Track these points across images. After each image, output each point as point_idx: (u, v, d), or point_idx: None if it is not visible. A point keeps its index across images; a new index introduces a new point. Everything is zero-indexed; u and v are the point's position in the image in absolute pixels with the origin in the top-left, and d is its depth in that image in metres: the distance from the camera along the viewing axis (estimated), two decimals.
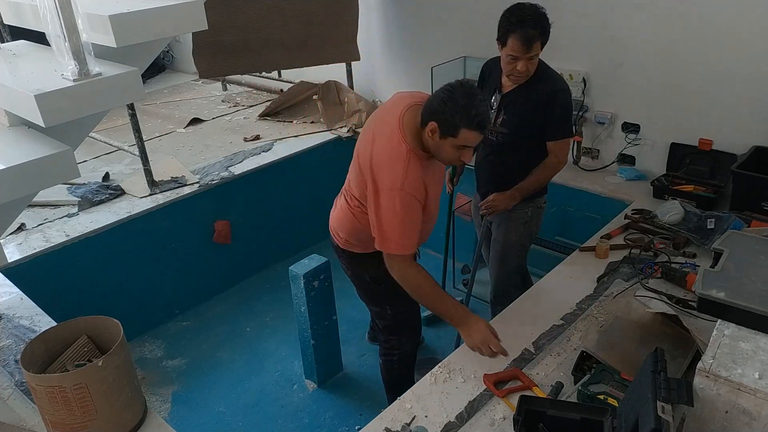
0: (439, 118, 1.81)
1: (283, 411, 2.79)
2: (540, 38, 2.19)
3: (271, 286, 3.69)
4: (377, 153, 1.92)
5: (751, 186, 2.55)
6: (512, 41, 2.18)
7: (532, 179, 2.40)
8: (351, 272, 2.36)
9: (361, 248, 2.22)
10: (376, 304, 2.40)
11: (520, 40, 2.16)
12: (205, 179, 3.47)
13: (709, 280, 1.58)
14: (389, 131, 1.93)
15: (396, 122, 1.92)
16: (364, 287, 2.37)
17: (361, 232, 2.13)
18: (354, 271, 2.34)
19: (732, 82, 2.75)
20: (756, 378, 1.34)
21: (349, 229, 2.20)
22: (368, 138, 2.00)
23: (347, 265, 2.35)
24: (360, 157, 2.02)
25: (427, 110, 1.86)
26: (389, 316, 2.38)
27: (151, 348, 3.26)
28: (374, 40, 4.18)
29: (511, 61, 2.24)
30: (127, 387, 1.63)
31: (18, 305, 2.33)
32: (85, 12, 1.72)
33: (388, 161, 1.88)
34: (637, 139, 3.14)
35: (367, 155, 1.94)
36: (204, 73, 3.75)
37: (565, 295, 2.23)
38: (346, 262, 2.33)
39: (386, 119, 1.98)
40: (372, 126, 2.05)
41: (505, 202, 2.41)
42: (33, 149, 1.68)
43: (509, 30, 2.18)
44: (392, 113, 1.97)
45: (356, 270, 2.33)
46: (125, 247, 3.15)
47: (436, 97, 1.84)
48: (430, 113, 1.84)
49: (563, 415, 1.48)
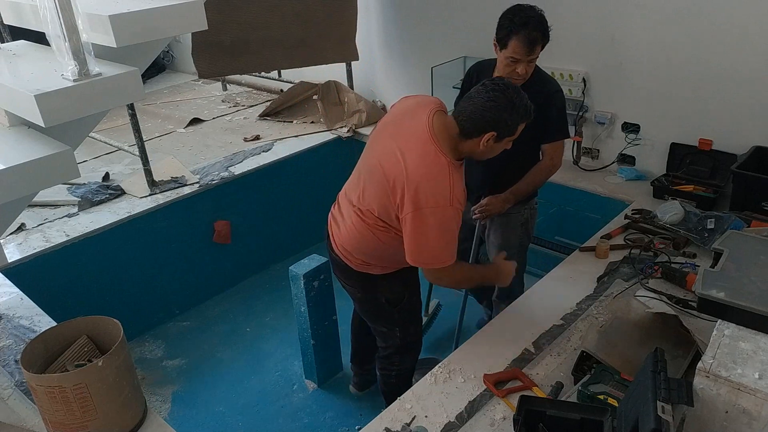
0: (500, 126, 1.78)
1: (283, 411, 2.79)
2: (542, 41, 2.15)
3: (271, 286, 3.69)
4: (413, 171, 1.76)
5: (751, 186, 2.55)
6: (514, 43, 2.13)
7: (528, 181, 2.37)
8: (362, 294, 2.22)
9: (380, 269, 2.09)
10: (387, 325, 2.28)
11: (524, 43, 2.12)
12: (205, 179, 3.47)
13: (709, 280, 1.58)
14: (421, 145, 1.79)
15: (426, 134, 1.80)
16: (376, 310, 2.25)
17: (383, 251, 1.99)
18: (367, 293, 2.20)
19: (732, 82, 2.75)
20: (756, 378, 1.34)
21: (369, 250, 2.02)
22: (393, 153, 1.82)
23: (359, 288, 2.20)
24: (388, 175, 1.81)
25: (480, 121, 1.78)
26: (397, 338, 2.29)
27: (151, 348, 3.26)
28: (374, 40, 4.18)
29: (510, 63, 2.18)
30: (127, 387, 1.63)
31: (18, 305, 2.33)
32: (85, 12, 1.72)
33: (430, 179, 1.76)
34: (637, 139, 3.14)
35: (399, 173, 1.78)
36: (203, 73, 3.75)
37: (565, 295, 2.23)
38: (358, 284, 2.18)
39: (411, 131, 1.84)
40: (394, 140, 1.86)
41: (499, 205, 2.36)
42: (33, 149, 1.68)
43: (512, 32, 2.12)
44: (417, 124, 1.83)
45: (370, 292, 2.18)
46: (125, 247, 3.15)
47: (487, 108, 1.76)
48: (488, 124, 1.77)
49: (563, 415, 1.48)
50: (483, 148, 1.83)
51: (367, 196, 1.93)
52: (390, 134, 1.91)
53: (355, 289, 2.23)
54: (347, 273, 2.16)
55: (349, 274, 2.15)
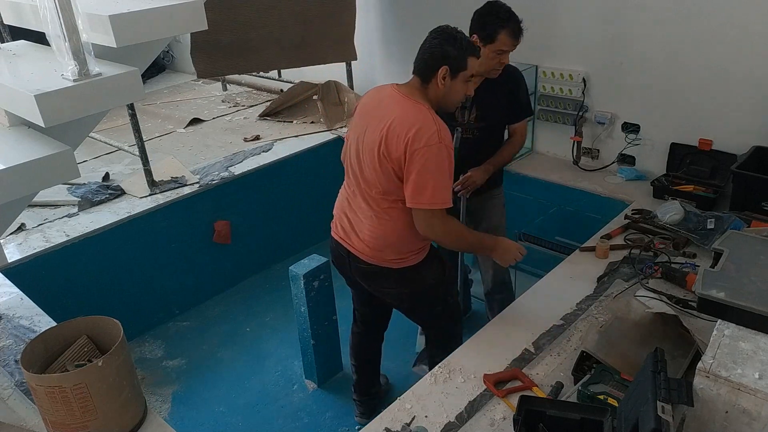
0: (448, 59, 1.90)
1: (282, 411, 2.79)
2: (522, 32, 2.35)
3: (271, 286, 3.69)
4: (401, 126, 1.86)
5: (751, 186, 2.55)
6: (503, 36, 2.29)
7: (504, 155, 2.56)
8: (410, 289, 2.15)
9: (414, 257, 2.09)
10: (435, 304, 2.24)
11: (512, 35, 2.30)
12: (205, 179, 3.47)
13: (709, 280, 1.58)
14: (398, 106, 1.92)
15: (398, 96, 1.94)
16: (419, 297, 2.20)
17: (409, 230, 2.00)
18: (413, 286, 2.14)
19: (732, 82, 2.75)
20: (756, 378, 1.34)
21: (401, 238, 2.03)
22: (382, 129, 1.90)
23: (401, 284, 2.12)
24: (390, 147, 1.88)
25: (430, 60, 1.92)
26: (441, 313, 2.26)
27: (151, 348, 3.26)
28: (373, 40, 4.18)
29: (496, 56, 2.34)
30: (127, 387, 1.63)
31: (18, 305, 2.33)
32: (85, 12, 1.72)
33: (416, 124, 1.85)
34: (637, 139, 3.14)
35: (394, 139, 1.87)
36: (202, 73, 3.75)
37: (565, 295, 2.23)
38: (402, 282, 2.11)
39: (385, 105, 1.96)
40: (377, 121, 1.94)
41: (480, 176, 2.46)
42: (33, 149, 1.68)
43: (500, 26, 2.29)
44: (387, 97, 1.98)
45: (414, 284, 2.14)
46: (125, 247, 3.15)
47: (433, 46, 1.92)
48: (436, 60, 1.91)
49: (563, 415, 1.48)
50: (443, 88, 1.94)
51: (373, 184, 1.98)
52: (368, 122, 1.99)
53: (401, 288, 2.16)
54: (389, 277, 2.10)
55: (391, 278, 2.10)
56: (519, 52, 2.50)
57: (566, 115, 3.34)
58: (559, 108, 3.36)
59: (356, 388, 2.67)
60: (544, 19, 3.22)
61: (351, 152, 2.07)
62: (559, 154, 3.48)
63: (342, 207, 2.17)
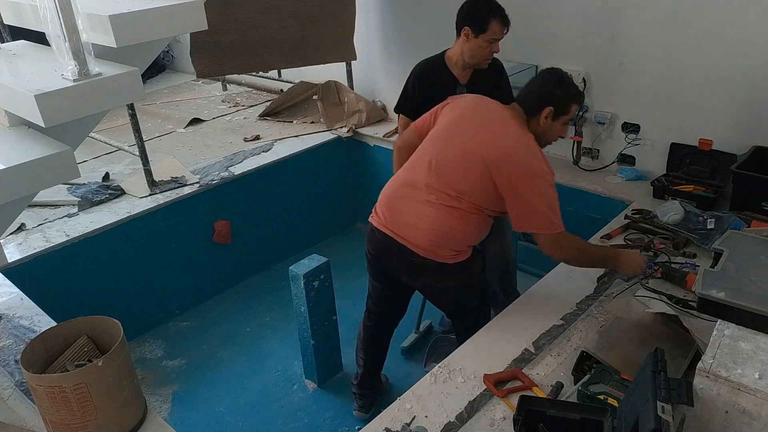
0: (556, 100, 2.03)
1: (283, 411, 2.79)
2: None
3: (271, 286, 3.69)
4: (507, 147, 2.00)
5: (751, 186, 2.55)
6: (495, 25, 2.40)
7: None
8: (457, 283, 2.20)
9: (466, 252, 2.15)
10: (474, 297, 2.29)
11: (502, 23, 2.41)
12: (205, 179, 3.47)
13: (709, 280, 1.58)
14: (511, 128, 2.04)
15: (510, 119, 2.06)
16: (464, 290, 2.24)
17: (475, 229, 2.12)
18: (461, 279, 2.19)
19: (732, 82, 2.75)
20: (756, 378, 1.34)
21: (464, 234, 2.10)
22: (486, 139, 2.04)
23: (450, 278, 2.17)
24: (487, 158, 1.99)
25: (537, 98, 2.05)
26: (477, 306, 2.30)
27: (151, 348, 3.26)
28: (373, 40, 4.18)
29: (488, 45, 2.45)
30: (127, 387, 1.63)
31: (18, 305, 2.33)
32: (85, 12, 1.72)
33: (527, 152, 2.00)
34: (637, 139, 3.14)
35: (499, 154, 1.99)
36: (201, 73, 3.75)
37: (565, 295, 2.23)
38: (448, 276, 2.16)
39: (494, 119, 2.09)
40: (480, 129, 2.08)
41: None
42: (33, 149, 1.68)
43: (491, 15, 2.39)
44: (496, 113, 2.11)
45: (462, 277, 2.18)
46: (125, 247, 3.15)
47: (544, 84, 2.06)
48: (544, 99, 2.03)
49: (563, 415, 1.48)
50: (544, 126, 2.07)
51: (450, 181, 2.06)
52: (472, 126, 2.10)
53: (449, 282, 2.20)
54: (440, 272, 2.13)
55: (442, 272, 2.13)
56: (519, 52, 2.52)
57: None
58: None
59: (359, 382, 2.67)
60: (544, 19, 3.22)
61: (432, 147, 2.14)
62: (559, 154, 3.48)
63: (395, 196, 2.17)
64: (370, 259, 2.31)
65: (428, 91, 2.58)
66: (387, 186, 2.25)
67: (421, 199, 2.09)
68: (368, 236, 2.27)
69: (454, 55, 2.60)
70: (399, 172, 2.25)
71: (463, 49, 2.53)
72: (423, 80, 2.65)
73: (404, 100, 2.72)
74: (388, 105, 4.24)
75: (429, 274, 2.16)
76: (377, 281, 2.40)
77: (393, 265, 2.21)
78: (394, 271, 2.24)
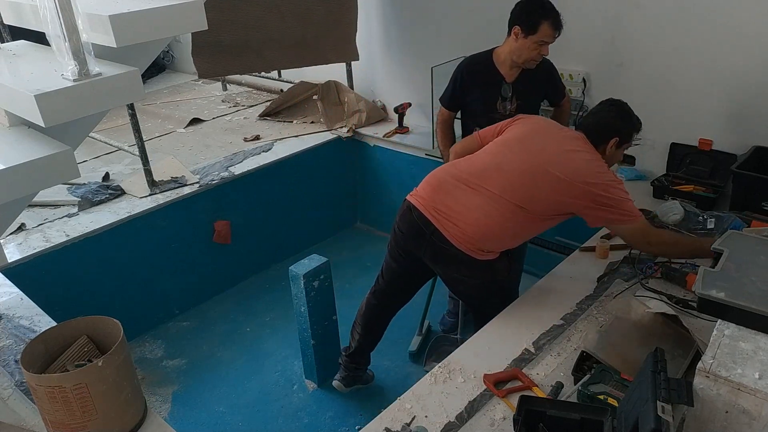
0: (622, 132, 2.17)
1: (283, 411, 2.79)
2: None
3: (271, 286, 3.69)
4: (584, 167, 2.08)
5: (751, 186, 2.55)
6: (546, 27, 2.41)
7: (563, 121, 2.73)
8: (480, 281, 2.23)
9: (495, 254, 2.18)
10: (496, 295, 2.29)
11: (554, 26, 2.42)
12: (205, 179, 3.47)
13: (709, 280, 1.58)
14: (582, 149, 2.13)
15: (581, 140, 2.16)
16: (485, 288, 2.26)
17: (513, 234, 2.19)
18: (485, 277, 2.22)
19: (732, 82, 2.75)
20: (756, 378, 1.34)
21: (503, 238, 2.16)
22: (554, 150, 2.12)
23: (475, 274, 2.20)
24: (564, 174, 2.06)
25: (603, 131, 2.17)
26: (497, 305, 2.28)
27: (151, 348, 3.26)
28: (374, 41, 4.18)
29: (538, 46, 2.46)
30: (127, 387, 1.63)
31: (18, 305, 2.32)
32: (85, 12, 1.72)
33: (600, 169, 2.10)
34: (637, 139, 3.13)
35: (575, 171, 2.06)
36: (203, 73, 3.75)
37: (565, 295, 2.23)
38: (473, 271, 2.19)
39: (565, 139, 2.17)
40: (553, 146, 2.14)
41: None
42: (33, 149, 1.68)
43: (543, 17, 2.41)
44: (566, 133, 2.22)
45: (486, 275, 2.21)
46: (125, 247, 3.15)
47: (609, 118, 2.18)
48: (610, 133, 2.17)
49: (563, 415, 1.48)
50: (608, 154, 2.19)
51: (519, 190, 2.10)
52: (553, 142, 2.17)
53: (473, 278, 2.23)
54: (467, 265, 2.16)
55: (469, 266, 2.17)
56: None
57: None
58: None
59: (349, 355, 2.70)
60: None
61: (500, 152, 2.19)
62: None
63: (448, 183, 2.19)
64: (399, 237, 2.30)
65: (471, 86, 2.63)
66: (438, 171, 2.26)
67: (468, 200, 2.13)
68: (402, 214, 2.27)
69: (502, 53, 2.61)
70: (455, 163, 2.27)
71: (512, 47, 2.54)
72: (468, 75, 2.66)
73: (448, 92, 2.76)
74: (388, 105, 4.24)
75: (456, 265, 2.19)
76: (395, 261, 2.39)
77: (422, 246, 2.21)
78: (422, 252, 2.23)
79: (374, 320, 2.60)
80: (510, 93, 2.61)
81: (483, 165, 2.19)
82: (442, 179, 2.21)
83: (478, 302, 2.38)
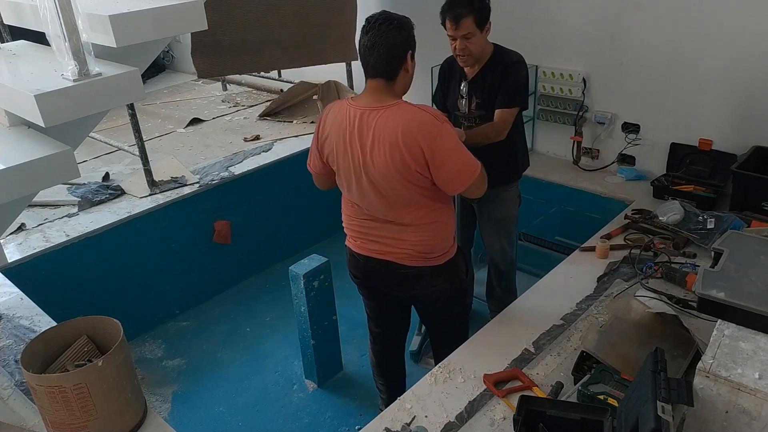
0: (410, 44, 1.95)
1: (283, 411, 2.79)
2: (470, 15, 2.30)
3: (271, 286, 3.68)
4: (400, 138, 1.80)
5: (751, 186, 2.55)
6: (447, 22, 2.36)
7: (479, 131, 2.43)
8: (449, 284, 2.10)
9: (453, 247, 2.08)
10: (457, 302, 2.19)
11: (451, 20, 2.34)
12: (205, 179, 3.47)
13: (709, 280, 1.58)
14: (380, 121, 1.84)
15: (372, 111, 1.86)
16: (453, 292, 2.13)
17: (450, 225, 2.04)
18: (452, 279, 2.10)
19: (733, 82, 2.75)
20: (756, 378, 1.34)
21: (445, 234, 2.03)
22: (378, 154, 1.84)
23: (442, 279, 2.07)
24: (401, 168, 1.82)
25: (392, 55, 1.88)
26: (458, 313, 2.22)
27: (151, 348, 3.26)
28: None
29: (451, 42, 2.40)
30: (127, 387, 1.63)
31: (18, 305, 2.33)
32: (85, 12, 1.72)
33: (411, 121, 1.81)
34: (637, 139, 3.14)
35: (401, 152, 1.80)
36: (203, 73, 3.75)
37: (565, 295, 2.23)
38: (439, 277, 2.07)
39: (362, 127, 1.87)
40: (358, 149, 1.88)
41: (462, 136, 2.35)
42: (33, 149, 1.68)
43: (443, 13, 2.37)
44: (358, 121, 1.87)
45: (453, 276, 2.10)
46: (125, 247, 3.14)
47: (389, 39, 1.87)
48: (404, 48, 1.91)
49: (563, 415, 1.48)
50: (412, 71, 1.97)
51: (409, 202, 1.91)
52: (369, 148, 1.87)
53: (442, 284, 2.09)
54: (431, 275, 2.04)
55: (433, 275, 2.04)
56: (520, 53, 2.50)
57: (566, 115, 3.34)
58: (559, 108, 3.36)
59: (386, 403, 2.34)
60: (544, 19, 3.22)
61: (356, 187, 1.95)
62: (559, 154, 3.48)
63: (362, 227, 2.05)
64: (359, 282, 2.23)
65: (444, 84, 2.63)
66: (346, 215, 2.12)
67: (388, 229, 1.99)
68: (350, 262, 2.18)
69: None
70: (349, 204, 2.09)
71: None
72: (442, 73, 2.67)
73: (436, 90, 2.76)
74: None
75: (422, 280, 2.06)
76: (372, 300, 2.30)
77: (384, 280, 2.12)
78: (387, 286, 2.14)
79: (388, 364, 2.49)
80: (467, 89, 2.50)
81: (360, 203, 2.00)
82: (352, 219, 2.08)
83: (446, 315, 2.23)
